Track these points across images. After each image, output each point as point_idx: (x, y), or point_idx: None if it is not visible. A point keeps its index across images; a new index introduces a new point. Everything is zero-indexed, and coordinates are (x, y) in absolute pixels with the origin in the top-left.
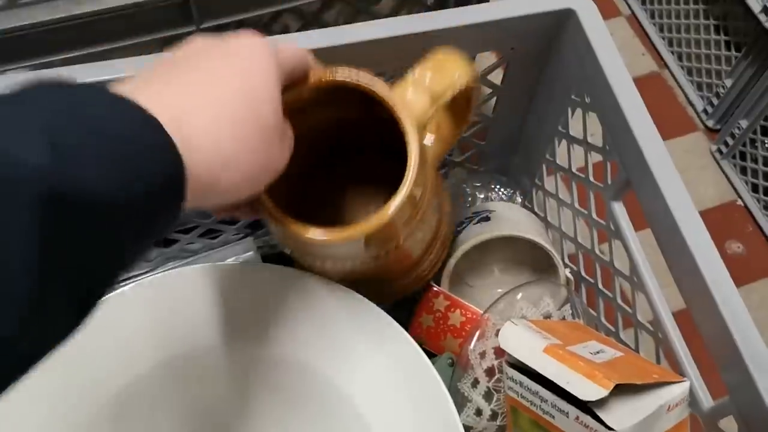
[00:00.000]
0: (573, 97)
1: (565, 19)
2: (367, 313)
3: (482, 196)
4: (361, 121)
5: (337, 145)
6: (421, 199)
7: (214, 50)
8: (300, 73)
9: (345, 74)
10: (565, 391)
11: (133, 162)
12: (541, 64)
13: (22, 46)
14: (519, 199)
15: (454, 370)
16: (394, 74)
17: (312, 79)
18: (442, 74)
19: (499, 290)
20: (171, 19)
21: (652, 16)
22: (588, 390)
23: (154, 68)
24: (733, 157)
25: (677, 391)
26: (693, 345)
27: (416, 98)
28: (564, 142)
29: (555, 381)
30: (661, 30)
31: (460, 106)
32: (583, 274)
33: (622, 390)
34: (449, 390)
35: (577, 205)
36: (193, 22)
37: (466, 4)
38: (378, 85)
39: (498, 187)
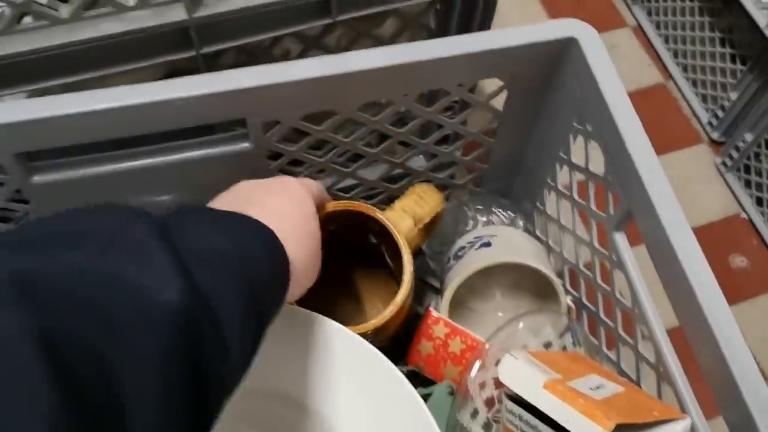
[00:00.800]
0: (575, 124)
1: (568, 47)
2: (347, 341)
3: (484, 218)
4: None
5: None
6: (408, 296)
7: (268, 189)
8: (319, 202)
9: (351, 203)
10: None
11: (270, 258)
12: (542, 91)
13: (20, 72)
14: (521, 223)
15: (453, 399)
16: (395, 102)
17: (329, 207)
18: (422, 204)
19: (500, 314)
20: (170, 45)
21: (658, 28)
22: (588, 430)
23: (232, 202)
24: (738, 170)
25: (678, 428)
26: (693, 368)
27: (403, 222)
28: (566, 168)
29: (554, 419)
30: (667, 41)
31: (427, 225)
32: (584, 301)
33: (622, 428)
34: (448, 419)
35: (578, 232)
36: (192, 48)
37: (469, 26)
38: (378, 213)
39: (500, 210)
